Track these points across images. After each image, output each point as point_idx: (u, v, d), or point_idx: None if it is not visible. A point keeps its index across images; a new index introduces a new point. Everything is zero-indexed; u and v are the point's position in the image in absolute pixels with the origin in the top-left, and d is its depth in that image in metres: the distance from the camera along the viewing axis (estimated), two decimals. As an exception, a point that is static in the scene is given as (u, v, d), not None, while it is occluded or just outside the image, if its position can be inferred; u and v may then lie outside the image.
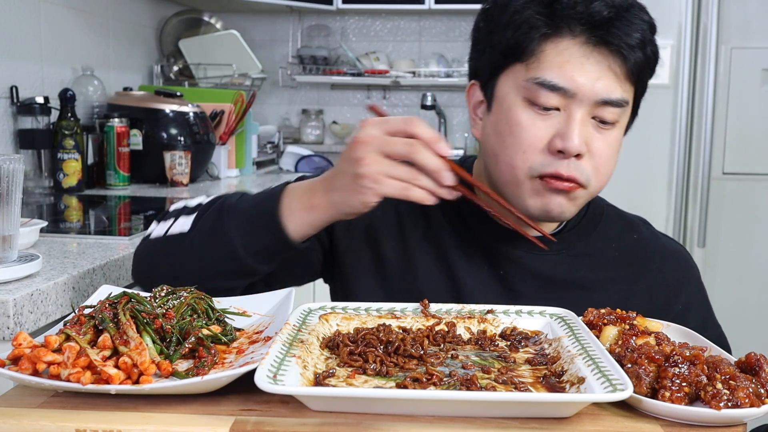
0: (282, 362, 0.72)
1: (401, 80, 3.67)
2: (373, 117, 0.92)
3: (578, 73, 0.97)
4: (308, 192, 0.95)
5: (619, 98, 0.98)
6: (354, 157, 0.87)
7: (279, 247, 0.95)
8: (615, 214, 1.16)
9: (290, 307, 0.89)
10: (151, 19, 3.23)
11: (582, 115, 0.98)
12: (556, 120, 0.98)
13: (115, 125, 2.42)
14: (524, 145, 0.99)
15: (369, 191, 0.88)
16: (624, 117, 1.02)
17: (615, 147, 1.02)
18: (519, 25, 0.99)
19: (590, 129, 0.99)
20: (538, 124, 0.99)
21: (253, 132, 3.09)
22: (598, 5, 0.96)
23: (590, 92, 0.97)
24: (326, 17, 3.86)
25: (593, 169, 1.00)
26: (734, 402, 0.68)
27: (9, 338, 1.09)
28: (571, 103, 0.98)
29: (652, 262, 1.11)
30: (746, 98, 2.90)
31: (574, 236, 1.11)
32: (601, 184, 1.03)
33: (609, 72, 0.97)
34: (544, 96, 0.98)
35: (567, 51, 0.97)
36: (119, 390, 0.69)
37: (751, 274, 2.95)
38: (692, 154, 2.96)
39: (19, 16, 2.24)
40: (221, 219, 0.98)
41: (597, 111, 0.99)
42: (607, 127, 1.00)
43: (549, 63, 0.98)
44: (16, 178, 1.13)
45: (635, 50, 0.97)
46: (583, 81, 0.97)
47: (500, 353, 0.84)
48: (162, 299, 0.84)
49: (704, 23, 2.88)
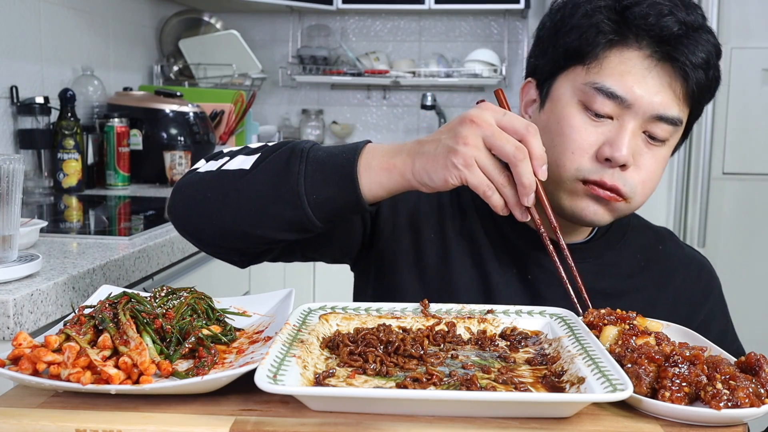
0: (282, 362, 0.72)
1: (401, 80, 3.67)
2: (494, 105, 0.87)
3: (638, 84, 0.97)
4: (391, 152, 0.89)
5: (674, 116, 0.98)
6: (458, 132, 0.83)
7: (347, 203, 0.89)
8: (641, 225, 1.17)
9: (290, 307, 0.89)
10: (151, 19, 3.23)
11: (634, 128, 0.98)
12: (607, 128, 0.99)
13: (115, 125, 2.42)
14: (573, 146, 0.99)
15: (455, 171, 0.83)
16: (675, 136, 1.02)
17: (662, 165, 1.02)
18: (587, 28, 0.99)
19: (639, 143, 0.99)
20: (589, 129, 0.99)
21: (253, 132, 3.09)
22: (670, 20, 0.96)
23: (646, 105, 0.97)
24: (326, 17, 3.86)
25: (640, 183, 1.00)
26: (734, 402, 0.68)
27: (9, 338, 1.09)
28: (625, 114, 0.98)
29: (677, 273, 1.13)
30: (746, 98, 2.90)
31: (602, 245, 1.12)
32: (644, 199, 1.03)
33: (669, 89, 0.98)
34: (599, 102, 0.98)
35: (630, 61, 0.98)
36: (119, 390, 0.69)
37: (751, 274, 2.95)
38: (692, 154, 2.96)
39: (19, 16, 2.24)
40: (292, 161, 0.90)
41: (649, 126, 0.99)
42: (656, 143, 1.00)
43: (611, 70, 0.98)
44: (16, 178, 1.13)
45: (698, 71, 0.97)
46: (641, 93, 0.97)
47: (500, 353, 0.84)
48: (162, 299, 0.84)
49: (704, 23, 2.88)
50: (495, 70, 3.56)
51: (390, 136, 3.91)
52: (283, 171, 0.90)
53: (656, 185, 1.04)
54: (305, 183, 0.88)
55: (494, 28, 3.80)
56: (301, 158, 0.90)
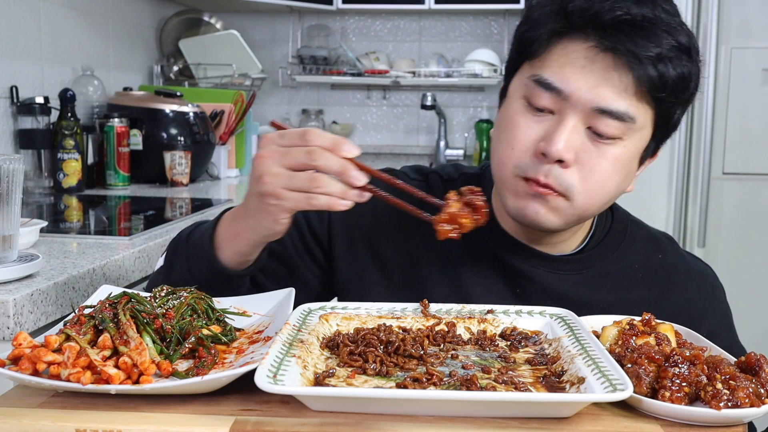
0: (282, 362, 0.72)
1: (401, 80, 3.67)
2: (270, 133, 0.89)
3: (577, 76, 0.92)
4: (233, 220, 0.95)
5: (618, 110, 0.92)
6: (255, 175, 0.86)
7: (218, 277, 0.96)
8: (639, 232, 1.12)
9: (290, 307, 0.89)
10: (151, 19, 3.23)
11: (575, 122, 0.93)
12: (548, 123, 0.95)
13: (115, 125, 2.42)
14: (513, 142, 0.97)
15: (274, 209, 0.86)
16: (632, 135, 0.95)
17: (615, 165, 0.95)
18: (534, 21, 0.97)
19: (585, 139, 0.94)
20: (531, 124, 0.96)
21: (253, 132, 3.09)
22: (616, 10, 0.91)
23: (585, 98, 0.92)
24: (326, 17, 3.86)
25: (580, 181, 0.94)
26: (734, 402, 0.68)
27: (9, 338, 1.09)
28: (564, 107, 0.94)
29: (677, 284, 1.08)
30: (746, 98, 2.90)
31: (596, 255, 1.07)
32: (591, 201, 0.96)
33: (611, 81, 0.91)
34: (538, 95, 0.95)
35: (573, 53, 0.93)
36: (119, 390, 0.69)
37: (751, 274, 2.95)
38: (692, 154, 2.96)
39: (19, 16, 2.24)
40: (175, 254, 1.02)
41: (593, 121, 0.93)
42: (605, 141, 0.94)
43: (552, 62, 0.95)
44: (16, 178, 1.13)
45: (646, 64, 0.90)
46: (579, 85, 0.92)
47: (500, 353, 0.84)
48: (162, 299, 0.84)
49: (704, 23, 2.88)
50: (495, 70, 3.56)
51: (390, 136, 3.91)
52: (173, 263, 1.02)
53: (613, 188, 0.97)
54: (185, 269, 0.99)
55: (494, 28, 3.80)
56: (178, 248, 1.02)
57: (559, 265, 1.06)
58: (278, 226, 0.88)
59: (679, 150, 2.93)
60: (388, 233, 1.10)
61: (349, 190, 0.83)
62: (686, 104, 0.98)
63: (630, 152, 0.96)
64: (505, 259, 1.06)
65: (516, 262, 1.05)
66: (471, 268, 1.06)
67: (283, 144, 0.85)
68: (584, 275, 1.06)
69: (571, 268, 1.05)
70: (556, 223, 0.98)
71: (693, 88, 0.96)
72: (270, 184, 0.84)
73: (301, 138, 0.84)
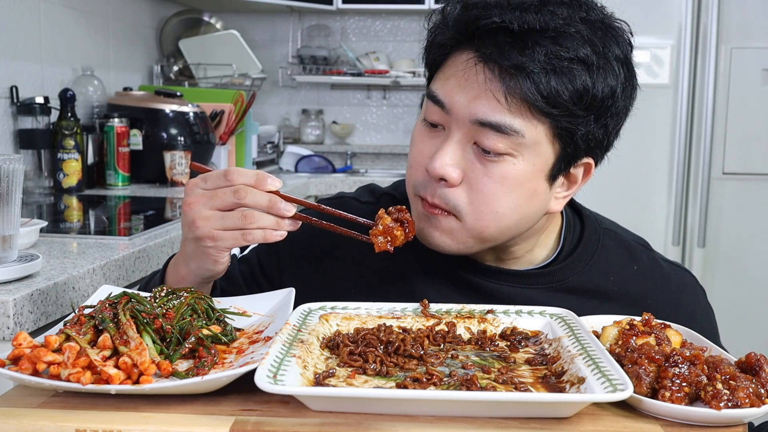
0: (282, 362, 0.72)
1: (401, 80, 3.67)
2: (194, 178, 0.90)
3: (459, 88, 0.89)
4: (176, 266, 0.97)
5: (498, 123, 0.87)
6: (187, 222, 0.88)
7: None
8: (613, 242, 1.06)
9: (290, 307, 0.89)
10: (151, 19, 3.23)
11: (459, 138, 0.90)
12: (439, 140, 0.92)
13: (115, 125, 2.42)
14: (411, 160, 0.96)
15: (212, 250, 0.89)
16: (523, 151, 0.89)
17: (505, 184, 0.90)
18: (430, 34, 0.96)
19: (471, 156, 0.90)
20: (426, 140, 0.94)
21: (253, 132, 3.09)
22: (488, 13, 0.86)
23: (464, 111, 0.88)
24: (326, 17, 3.86)
25: (469, 202, 0.91)
26: (734, 402, 0.68)
27: (9, 338, 1.09)
28: (450, 122, 0.91)
29: (654, 297, 1.03)
30: (746, 98, 2.90)
31: (566, 269, 1.03)
32: (484, 222, 0.92)
33: (489, 93, 0.87)
34: (431, 110, 0.93)
35: (459, 65, 0.90)
36: (119, 390, 0.69)
37: (751, 274, 2.95)
38: (692, 154, 2.96)
39: (19, 16, 2.24)
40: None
41: (477, 136, 0.89)
42: (491, 158, 0.89)
43: (441, 75, 0.93)
44: (16, 178, 1.13)
45: (523, 77, 0.85)
46: (459, 98, 0.89)
47: (500, 353, 0.84)
48: (162, 299, 0.84)
49: (704, 23, 2.88)
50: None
51: (390, 136, 3.91)
52: None
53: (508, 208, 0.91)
54: None
55: (494, 28, 3.80)
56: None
57: (526, 279, 1.02)
58: (219, 266, 0.92)
59: (679, 150, 2.93)
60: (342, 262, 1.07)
61: (282, 221, 0.86)
62: (599, 117, 0.90)
63: (524, 170, 0.90)
64: (468, 278, 1.02)
65: (478, 279, 1.02)
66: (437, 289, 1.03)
67: (208, 187, 0.88)
68: (553, 289, 1.02)
69: (538, 282, 1.02)
70: (452, 245, 0.95)
71: (600, 101, 0.88)
72: (203, 228, 0.87)
73: (224, 179, 0.86)
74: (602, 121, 0.91)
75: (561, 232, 1.06)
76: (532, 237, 1.02)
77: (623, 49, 0.92)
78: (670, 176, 2.96)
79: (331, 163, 3.53)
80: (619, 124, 0.95)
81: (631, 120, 1.00)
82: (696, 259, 2.98)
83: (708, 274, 2.96)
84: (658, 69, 2.94)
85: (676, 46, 2.91)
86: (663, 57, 2.94)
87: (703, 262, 2.96)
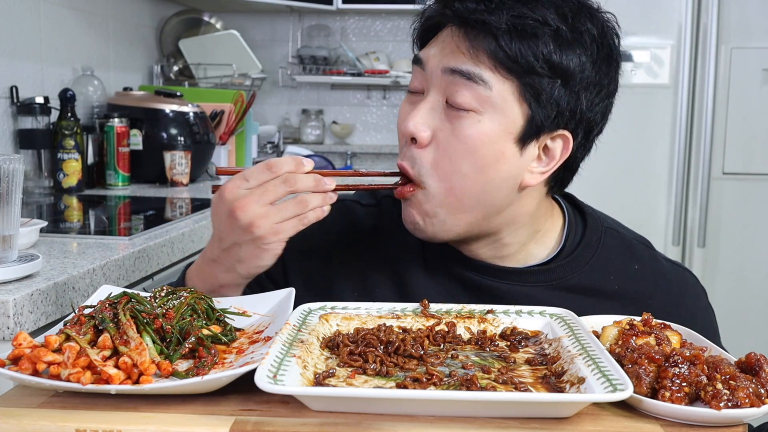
0: (282, 362, 0.72)
1: (401, 80, 3.66)
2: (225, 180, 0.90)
3: (435, 47, 0.95)
4: (210, 276, 0.96)
5: (468, 69, 0.90)
6: (242, 226, 0.87)
7: None
8: (614, 241, 1.06)
9: (290, 307, 0.89)
10: (151, 19, 3.23)
11: (434, 97, 0.94)
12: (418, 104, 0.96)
13: (115, 125, 2.42)
14: (399, 133, 0.99)
15: (274, 245, 0.89)
16: (488, 108, 0.91)
17: (468, 143, 0.92)
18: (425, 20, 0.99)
19: (442, 116, 0.93)
20: (406, 107, 0.98)
21: (253, 132, 3.09)
22: None
23: (437, 63, 0.93)
24: (326, 17, 3.86)
25: (434, 164, 0.93)
26: (734, 402, 0.68)
27: (9, 338, 1.09)
28: (426, 80, 0.95)
29: (655, 297, 1.03)
30: (746, 98, 2.90)
31: (566, 267, 1.02)
32: (449, 186, 0.93)
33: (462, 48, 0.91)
34: (414, 77, 0.98)
35: (442, 35, 0.96)
36: (119, 390, 0.69)
37: (751, 274, 2.95)
38: (692, 154, 2.96)
39: (19, 16, 2.24)
40: None
41: (449, 90, 0.92)
42: (460, 114, 0.91)
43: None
44: (16, 178, 1.13)
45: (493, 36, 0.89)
46: (434, 52, 0.94)
47: (500, 353, 0.84)
48: (162, 299, 0.84)
49: (704, 23, 2.88)
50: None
51: (390, 136, 3.91)
52: None
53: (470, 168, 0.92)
54: None
55: (494, 28, 3.80)
56: None
57: (525, 277, 1.02)
58: (275, 259, 0.92)
59: (679, 150, 2.93)
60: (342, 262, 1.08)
61: (326, 196, 0.89)
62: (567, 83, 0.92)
63: (490, 129, 0.91)
64: (467, 276, 1.03)
65: (476, 277, 1.02)
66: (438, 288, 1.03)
67: (252, 185, 0.88)
68: (552, 287, 1.01)
69: (537, 279, 1.02)
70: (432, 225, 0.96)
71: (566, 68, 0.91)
72: (264, 226, 0.87)
73: (269, 172, 0.87)
74: (572, 88, 0.92)
75: (563, 231, 1.06)
76: (522, 227, 1.01)
77: (599, 29, 0.94)
78: (670, 176, 2.96)
79: (331, 163, 3.53)
80: (598, 101, 0.96)
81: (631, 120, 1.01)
82: (696, 259, 2.98)
83: (708, 274, 2.97)
84: (658, 69, 2.94)
85: (676, 46, 2.91)
86: (663, 57, 2.94)
87: (703, 262, 2.96)
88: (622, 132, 2.78)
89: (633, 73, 2.90)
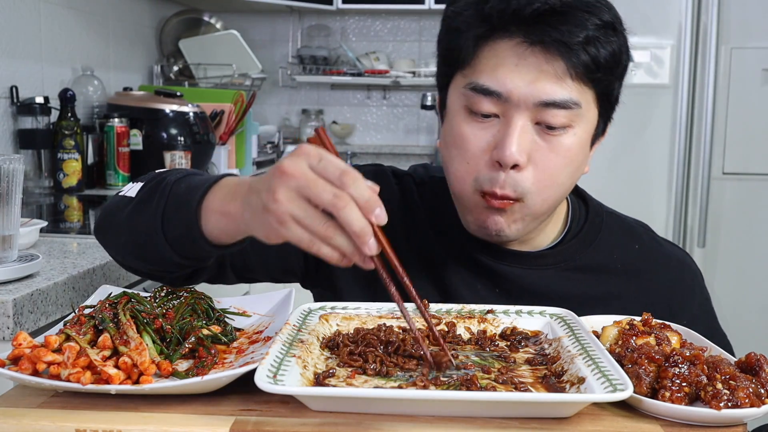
0: (282, 362, 0.72)
1: (401, 80, 3.67)
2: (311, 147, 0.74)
3: (511, 75, 0.91)
4: (230, 195, 0.82)
5: (563, 99, 0.91)
6: (270, 186, 0.72)
7: (194, 244, 0.85)
8: (615, 223, 1.11)
9: (290, 307, 0.89)
10: (151, 19, 3.23)
11: (523, 122, 0.92)
12: (496, 128, 0.94)
13: (115, 125, 2.42)
14: (467, 156, 0.95)
15: (272, 229, 0.73)
16: (580, 120, 0.94)
17: (567, 156, 0.94)
18: (455, 31, 0.96)
19: (534, 137, 0.93)
20: (478, 133, 0.94)
21: (253, 132, 3.09)
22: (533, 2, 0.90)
23: (526, 95, 0.91)
24: (326, 17, 3.86)
25: (535, 181, 0.94)
26: (734, 402, 0.68)
27: (9, 338, 1.09)
28: (508, 109, 0.92)
29: (656, 274, 1.08)
30: (746, 98, 2.90)
31: (573, 249, 1.06)
32: (546, 197, 0.96)
33: (547, 72, 0.91)
34: (479, 102, 0.93)
35: (502, 53, 0.92)
36: (119, 390, 0.69)
37: (751, 274, 2.95)
38: (692, 154, 2.95)
39: (19, 16, 2.24)
40: (154, 193, 0.89)
41: (541, 115, 0.92)
42: (555, 132, 0.93)
43: (483, 66, 0.93)
44: (16, 178, 1.13)
45: (577, 50, 0.90)
46: (517, 84, 0.91)
47: (500, 353, 0.84)
48: (162, 299, 0.84)
49: (704, 23, 2.88)
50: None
51: (390, 136, 3.91)
52: (148, 206, 0.88)
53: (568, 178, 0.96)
54: (163, 220, 0.86)
55: (494, 28, 3.80)
56: (162, 193, 0.88)
57: (536, 260, 1.05)
58: (269, 241, 0.76)
59: (679, 150, 2.93)
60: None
61: (356, 254, 0.72)
62: (622, 77, 0.98)
63: (581, 139, 0.96)
64: (481, 261, 1.04)
65: (491, 262, 1.04)
66: (454, 271, 1.05)
67: (319, 171, 0.71)
68: (561, 269, 1.05)
69: (547, 262, 1.04)
70: (517, 231, 0.98)
71: (625, 60, 0.97)
72: (281, 206, 0.71)
73: (338, 176, 0.71)
74: (623, 78, 0.98)
75: (567, 214, 1.09)
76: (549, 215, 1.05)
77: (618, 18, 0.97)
78: (670, 176, 2.96)
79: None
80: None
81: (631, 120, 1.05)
82: (696, 259, 2.96)
83: (708, 274, 2.96)
84: (658, 69, 2.94)
85: (676, 46, 2.91)
86: (663, 57, 2.94)
87: (703, 262, 2.96)
88: (622, 132, 2.78)
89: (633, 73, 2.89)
